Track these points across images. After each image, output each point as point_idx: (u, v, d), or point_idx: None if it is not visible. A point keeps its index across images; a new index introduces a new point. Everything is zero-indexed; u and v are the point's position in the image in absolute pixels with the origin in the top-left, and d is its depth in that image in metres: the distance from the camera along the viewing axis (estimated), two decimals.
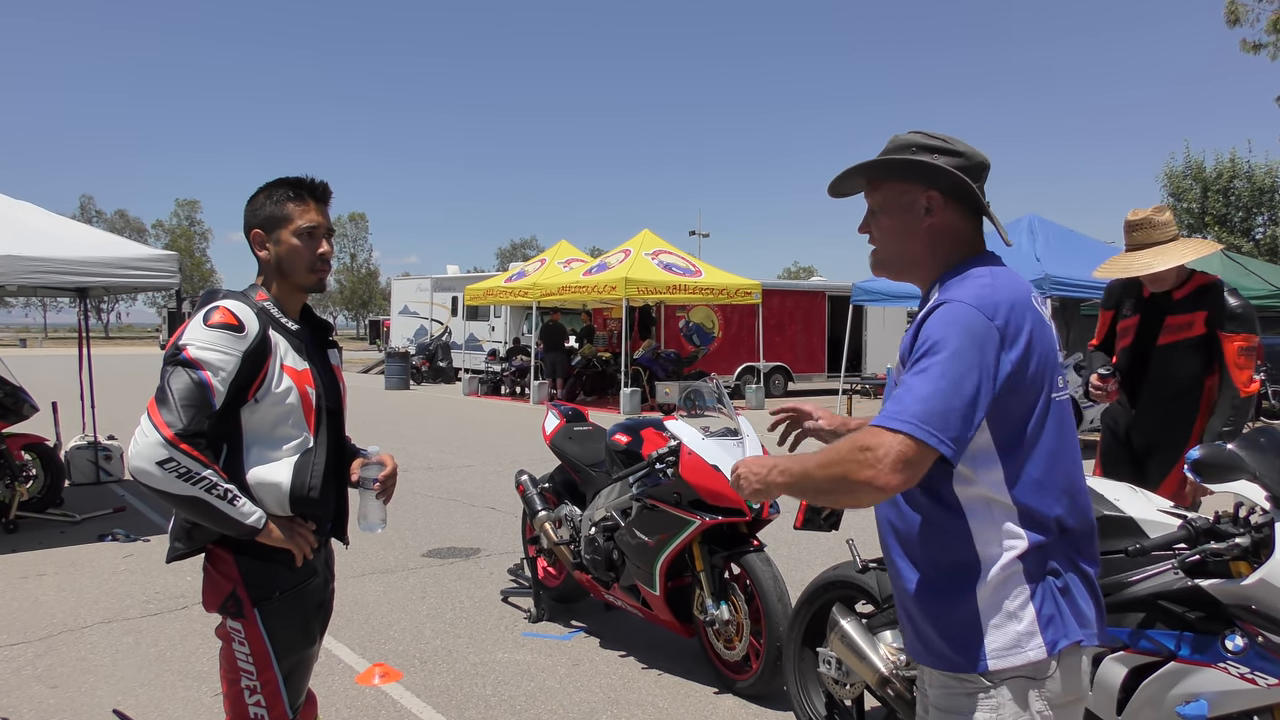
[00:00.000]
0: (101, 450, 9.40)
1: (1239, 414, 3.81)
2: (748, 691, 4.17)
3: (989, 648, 1.70)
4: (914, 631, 1.84)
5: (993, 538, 1.72)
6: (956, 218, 1.85)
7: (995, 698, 1.71)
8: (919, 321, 1.75)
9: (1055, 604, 1.72)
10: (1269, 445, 2.48)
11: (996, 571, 1.71)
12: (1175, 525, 2.54)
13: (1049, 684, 1.71)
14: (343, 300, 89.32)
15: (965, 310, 1.68)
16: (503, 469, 10.56)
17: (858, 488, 1.63)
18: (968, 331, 1.66)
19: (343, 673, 4.44)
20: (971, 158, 1.84)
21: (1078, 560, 1.77)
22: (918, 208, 1.85)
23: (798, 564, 6.20)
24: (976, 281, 1.74)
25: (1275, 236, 26.95)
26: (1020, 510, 1.72)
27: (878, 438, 1.62)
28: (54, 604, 5.49)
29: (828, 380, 22.50)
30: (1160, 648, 2.43)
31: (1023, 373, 1.69)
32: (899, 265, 1.92)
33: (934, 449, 1.60)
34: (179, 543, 2.34)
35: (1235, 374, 3.85)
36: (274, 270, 2.40)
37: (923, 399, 1.62)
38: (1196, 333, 3.94)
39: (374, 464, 2.52)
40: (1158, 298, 4.09)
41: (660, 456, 4.30)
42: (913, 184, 1.85)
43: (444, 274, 29.62)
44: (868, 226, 1.94)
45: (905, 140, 1.87)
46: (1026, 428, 1.72)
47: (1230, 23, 19.42)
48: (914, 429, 1.60)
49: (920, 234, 1.85)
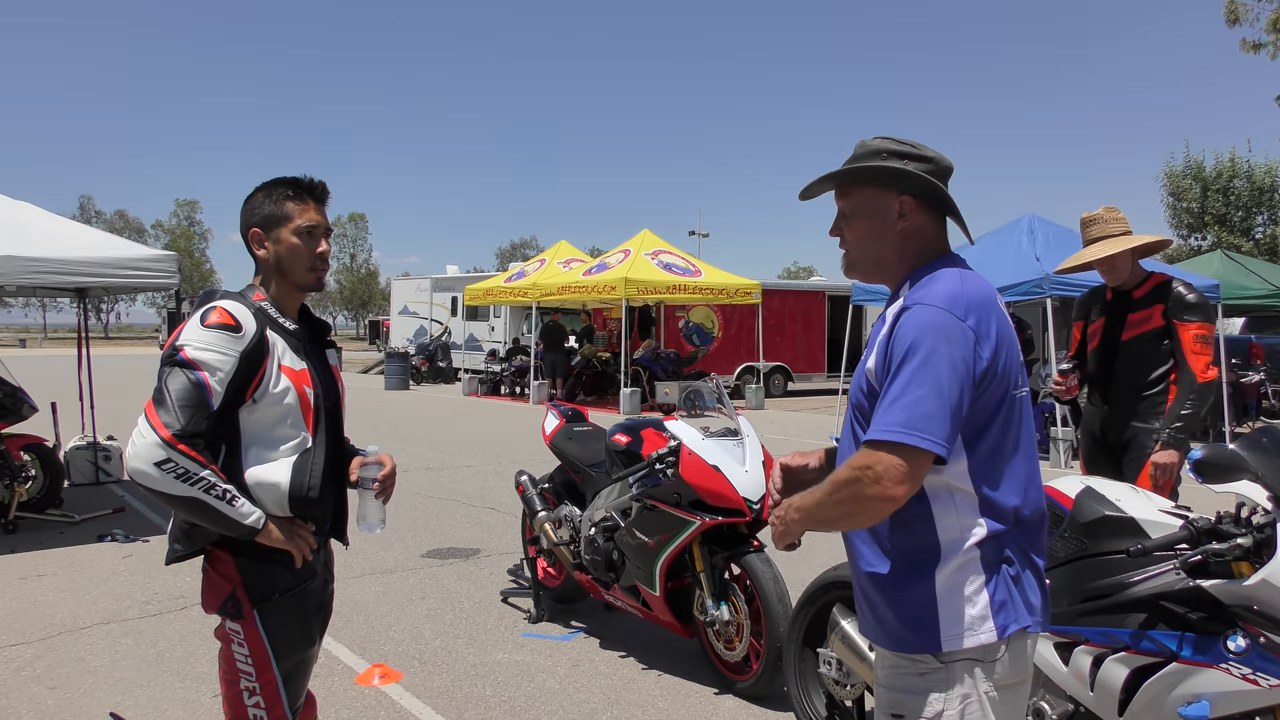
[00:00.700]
0: (101, 451, 9.40)
1: (1199, 399, 3.92)
2: (748, 692, 4.16)
3: (944, 631, 1.77)
4: (871, 612, 1.91)
5: (954, 524, 1.79)
6: (926, 220, 1.93)
7: (947, 678, 1.78)
8: (891, 323, 1.81)
9: (1007, 590, 1.80)
10: (1270, 445, 2.47)
11: (955, 557, 1.78)
12: (1177, 525, 2.54)
13: (997, 666, 1.79)
14: (342, 300, 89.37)
15: (938, 313, 1.75)
16: (502, 469, 10.55)
17: (870, 505, 1.72)
18: (942, 333, 1.73)
19: (342, 673, 4.43)
20: (939, 162, 1.92)
21: (1029, 551, 1.85)
22: (890, 212, 1.91)
23: (798, 564, 6.19)
24: (946, 283, 1.81)
25: (1275, 236, 26.94)
26: (981, 499, 1.79)
27: (875, 455, 1.70)
28: (53, 605, 5.48)
29: (827, 380, 22.51)
30: (1162, 648, 2.42)
31: (992, 370, 1.76)
32: (871, 267, 1.98)
33: (928, 451, 1.68)
34: (178, 544, 2.33)
35: (1192, 360, 3.97)
36: (272, 270, 2.39)
37: (908, 405, 1.69)
38: (1155, 325, 4.10)
39: (373, 464, 2.51)
40: (1120, 299, 4.27)
41: (660, 457, 4.30)
42: (886, 189, 1.91)
43: (444, 274, 29.63)
44: (839, 230, 2.00)
45: (874, 146, 1.93)
46: (992, 422, 1.79)
47: (1230, 22, 19.41)
48: (907, 437, 1.67)
49: (893, 237, 1.92)
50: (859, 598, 1.96)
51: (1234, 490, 2.47)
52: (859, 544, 1.91)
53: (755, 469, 4.22)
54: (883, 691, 1.89)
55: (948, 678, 1.78)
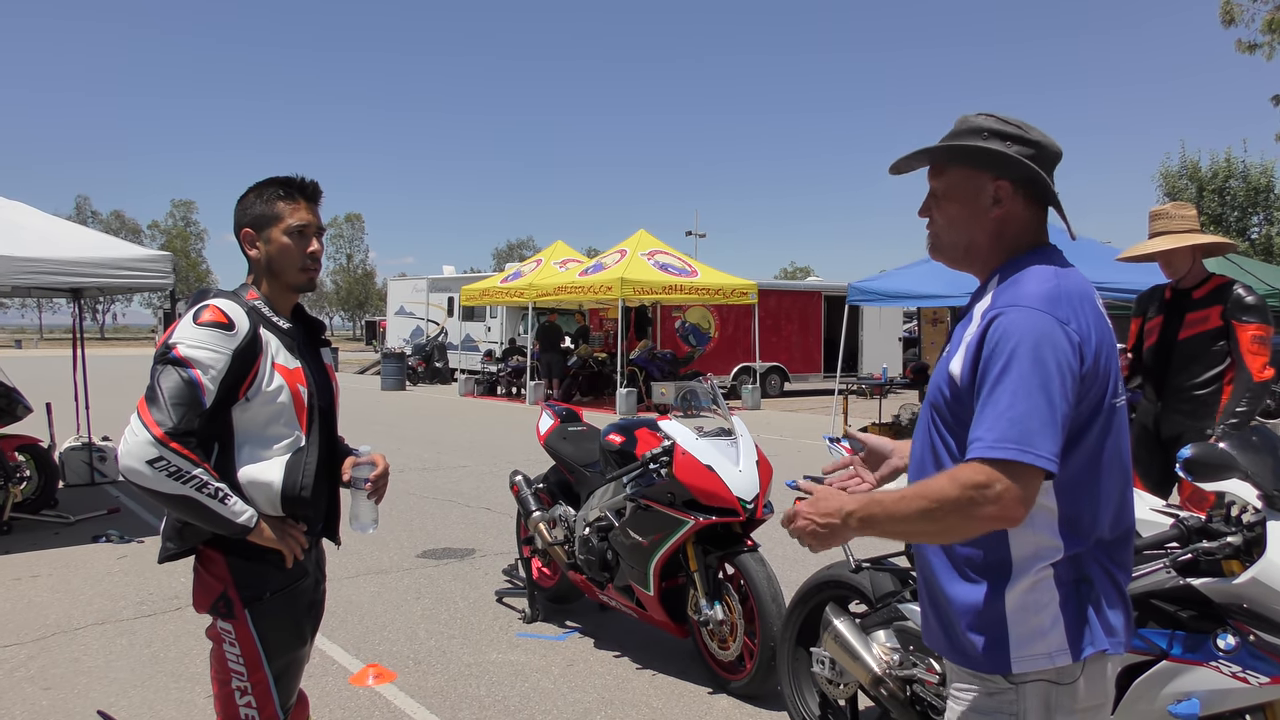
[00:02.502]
0: (96, 451, 9.38)
1: (1254, 397, 4.03)
2: (742, 691, 4.16)
3: (1014, 651, 1.67)
4: (939, 626, 1.81)
5: (1029, 541, 1.68)
6: (1023, 208, 1.78)
7: (1017, 700, 1.68)
8: (984, 325, 1.68)
9: (1084, 612, 1.68)
10: (1261, 444, 2.48)
11: (1029, 575, 1.67)
12: (1168, 524, 2.54)
13: (1072, 690, 1.68)
14: (339, 301, 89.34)
15: (1038, 316, 1.62)
16: (498, 469, 10.55)
17: (983, 525, 1.58)
18: (1047, 339, 1.60)
19: (336, 673, 4.43)
20: (1046, 147, 1.78)
21: (1110, 568, 1.72)
22: (985, 196, 1.78)
23: (791, 564, 6.19)
24: (1042, 282, 1.67)
25: (1270, 236, 26.98)
26: (1062, 517, 1.68)
27: (989, 473, 1.55)
28: (47, 605, 5.47)
29: (824, 380, 22.51)
30: (1152, 646, 2.43)
31: (1092, 376, 1.65)
32: (959, 252, 1.85)
33: (1043, 469, 1.55)
34: (170, 542, 2.33)
35: (1249, 359, 4.08)
36: (264, 269, 2.40)
37: (1018, 419, 1.56)
38: (1213, 325, 4.19)
39: (366, 464, 2.51)
40: (1179, 298, 4.35)
41: (654, 456, 4.30)
42: (982, 171, 1.78)
43: (440, 274, 29.59)
44: (929, 210, 1.86)
45: (976, 124, 1.80)
46: (1087, 431, 1.67)
47: (1225, 23, 19.45)
48: (1022, 455, 1.54)
49: (987, 223, 1.79)
50: (925, 608, 1.86)
51: (1224, 489, 2.48)
52: (929, 555, 1.80)
53: (749, 469, 4.22)
54: (954, 704, 1.80)
55: (1018, 700, 1.68)
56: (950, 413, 1.73)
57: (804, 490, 1.95)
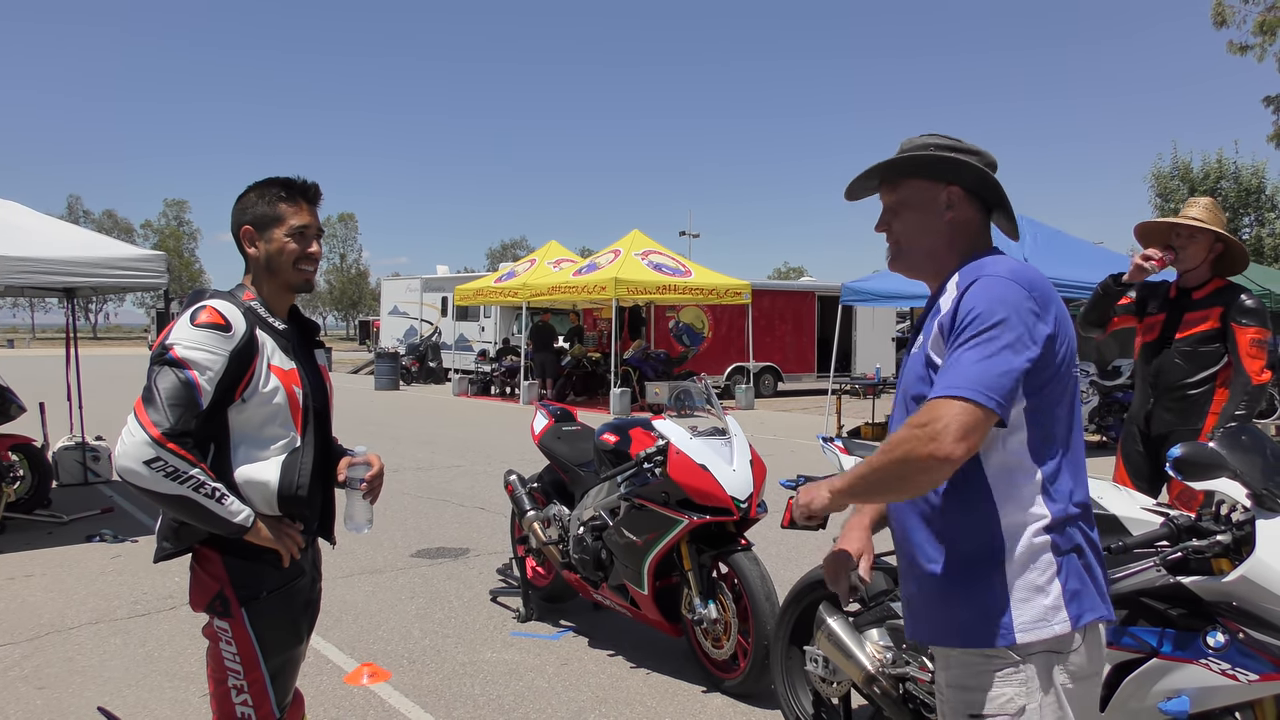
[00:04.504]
0: (89, 451, 9.35)
1: (1251, 400, 4.03)
2: (735, 690, 4.18)
3: (1017, 622, 1.72)
4: (934, 613, 1.85)
5: (1016, 508, 1.76)
6: (972, 212, 1.93)
7: (1022, 671, 1.73)
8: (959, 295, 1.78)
9: (1079, 578, 1.76)
10: (1250, 444, 2.51)
11: (1024, 545, 1.74)
12: (1158, 523, 2.56)
13: (1072, 658, 1.74)
14: (332, 301, 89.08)
15: (1004, 283, 1.74)
16: (492, 469, 10.55)
17: (922, 466, 1.65)
18: (1010, 302, 1.72)
19: (331, 672, 4.44)
20: (984, 155, 1.94)
21: (1091, 535, 1.82)
22: (939, 203, 1.92)
23: (785, 563, 6.21)
24: (1004, 262, 1.81)
25: (1261, 237, 27.08)
26: (1043, 480, 1.76)
27: (935, 410, 1.66)
28: (41, 605, 5.47)
29: (817, 380, 22.54)
30: (1142, 644, 2.44)
31: (1053, 343, 1.74)
32: (917, 259, 1.97)
33: (992, 411, 1.64)
34: (166, 542, 2.34)
35: (1247, 362, 4.07)
36: (262, 269, 2.41)
37: (975, 364, 1.67)
38: (1211, 326, 4.18)
39: (360, 464, 2.52)
40: (1181, 297, 4.34)
41: (648, 456, 4.31)
42: (934, 180, 1.92)
43: (434, 274, 29.57)
44: (886, 224, 2.00)
45: (919, 143, 1.95)
46: (1053, 396, 1.77)
47: (1217, 24, 19.53)
48: (973, 394, 1.64)
49: (941, 228, 1.92)
50: (914, 602, 1.90)
51: (1214, 488, 2.50)
52: (920, 541, 1.85)
53: (743, 468, 4.24)
54: (953, 693, 1.82)
55: (1025, 672, 1.72)
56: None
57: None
